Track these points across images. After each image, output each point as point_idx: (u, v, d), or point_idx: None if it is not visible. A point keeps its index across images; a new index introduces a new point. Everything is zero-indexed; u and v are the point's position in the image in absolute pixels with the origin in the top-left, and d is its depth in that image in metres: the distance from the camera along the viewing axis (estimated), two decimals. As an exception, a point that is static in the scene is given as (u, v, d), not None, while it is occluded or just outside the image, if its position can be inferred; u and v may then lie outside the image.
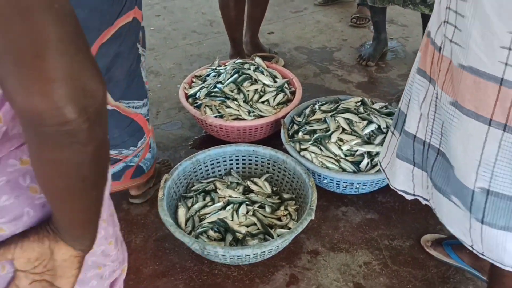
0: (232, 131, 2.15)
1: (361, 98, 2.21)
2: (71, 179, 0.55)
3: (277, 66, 2.51)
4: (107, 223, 0.76)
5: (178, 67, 2.93)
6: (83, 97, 0.48)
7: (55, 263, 0.63)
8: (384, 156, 1.39)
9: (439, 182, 1.17)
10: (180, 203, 1.85)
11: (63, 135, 0.49)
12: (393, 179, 1.35)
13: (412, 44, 3.09)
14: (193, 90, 2.33)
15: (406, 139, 1.25)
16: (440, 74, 1.08)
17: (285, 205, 1.87)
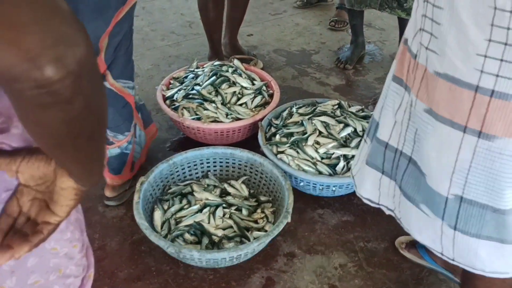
0: (210, 133, 2.15)
1: (338, 101, 2.23)
2: (62, 138, 0.51)
3: (255, 69, 2.51)
4: (73, 227, 0.75)
5: (156, 68, 2.92)
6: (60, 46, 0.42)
7: (55, 188, 0.61)
8: (356, 163, 1.40)
9: (409, 191, 1.17)
10: (156, 206, 1.84)
11: (42, 94, 0.43)
12: (360, 186, 1.36)
13: (389, 48, 3.13)
14: (171, 92, 2.32)
15: (378, 147, 1.26)
16: (415, 81, 1.09)
17: (262, 208, 1.88)
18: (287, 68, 2.94)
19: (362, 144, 1.37)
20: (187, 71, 2.47)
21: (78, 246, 0.76)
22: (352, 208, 2.01)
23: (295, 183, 1.98)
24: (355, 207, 2.02)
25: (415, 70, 1.08)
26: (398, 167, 1.22)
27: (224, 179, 2.03)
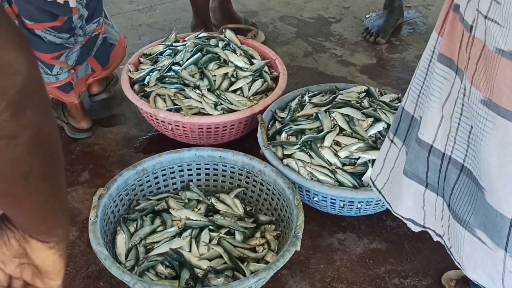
0: (192, 129, 2.15)
1: (366, 87, 2.22)
2: (9, 180, 0.56)
3: (255, 43, 2.50)
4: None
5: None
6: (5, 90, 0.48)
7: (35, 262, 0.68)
8: (379, 172, 1.39)
9: (460, 211, 1.17)
10: (120, 228, 1.83)
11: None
12: (397, 203, 1.35)
13: (435, 15, 3.08)
14: (141, 73, 2.32)
15: (419, 151, 1.25)
16: (470, 62, 1.08)
17: (261, 231, 1.87)
18: (298, 42, 2.92)
19: (387, 145, 1.36)
20: (162, 45, 2.46)
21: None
22: (384, 232, 2.01)
23: (307, 197, 1.97)
24: (388, 231, 2.01)
25: (470, 47, 1.07)
26: (447, 178, 1.21)
27: (211, 191, 2.02)
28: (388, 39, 2.93)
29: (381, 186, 1.40)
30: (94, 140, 2.36)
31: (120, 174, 1.88)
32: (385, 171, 1.38)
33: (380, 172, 1.39)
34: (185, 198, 1.95)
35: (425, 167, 1.25)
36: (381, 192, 1.40)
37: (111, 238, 1.81)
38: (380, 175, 1.40)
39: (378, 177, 1.40)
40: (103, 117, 2.48)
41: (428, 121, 1.20)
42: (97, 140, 2.37)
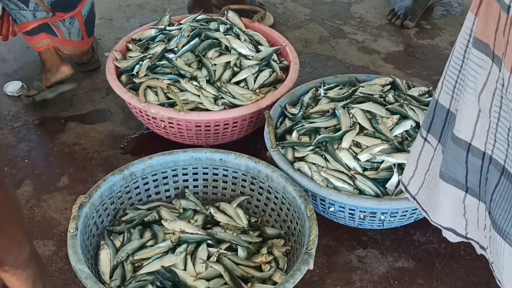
0: (189, 128, 2.16)
1: (392, 79, 2.22)
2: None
3: (262, 26, 2.51)
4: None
5: (108, 25, 2.94)
6: None
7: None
8: (412, 175, 1.39)
9: (500, 220, 1.16)
10: (104, 242, 1.84)
11: None
12: (435, 210, 1.35)
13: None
14: (129, 62, 2.32)
15: (456, 150, 1.24)
16: (508, 48, 1.08)
17: (268, 246, 1.87)
18: (312, 25, 2.93)
19: (419, 144, 1.37)
20: (154, 29, 2.47)
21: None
22: (412, 248, 2.01)
23: (322, 208, 1.97)
24: (416, 247, 2.01)
25: (508, 30, 1.06)
26: (488, 182, 1.21)
27: (210, 200, 2.03)
28: (417, 22, 2.93)
29: (415, 192, 1.40)
30: (74, 140, 2.37)
31: (104, 180, 1.89)
32: (419, 174, 1.37)
33: (413, 175, 1.39)
34: (180, 208, 1.95)
35: (464, 169, 1.24)
36: (416, 198, 1.40)
37: (93, 254, 1.81)
38: (413, 178, 1.39)
39: (411, 181, 1.40)
40: (85, 112, 2.49)
41: (464, 116, 1.20)
42: (78, 139, 2.37)
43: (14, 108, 2.50)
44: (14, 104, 2.52)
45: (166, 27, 2.46)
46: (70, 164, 2.28)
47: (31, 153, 2.32)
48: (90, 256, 1.78)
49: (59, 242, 1.99)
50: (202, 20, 2.46)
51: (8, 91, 2.56)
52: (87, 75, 2.67)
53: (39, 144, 2.36)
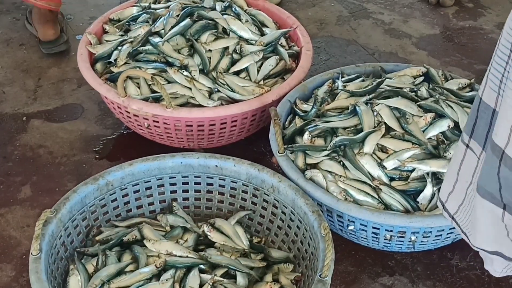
0: (178, 127, 2.15)
1: (425, 69, 2.21)
2: None
3: (267, 4, 2.51)
4: None
5: (80, 2, 2.96)
6: None
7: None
8: (452, 190, 1.36)
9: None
10: (74, 266, 1.82)
11: None
12: (474, 232, 1.33)
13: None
14: (105, 47, 2.32)
15: (491, 159, 1.23)
16: None
17: (274, 272, 1.85)
18: (329, 3, 2.96)
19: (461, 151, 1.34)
20: (136, 7, 2.48)
21: None
22: (449, 275, 1.99)
23: (340, 226, 1.95)
24: (454, 274, 2.00)
25: None
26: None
27: (203, 215, 2.03)
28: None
29: (454, 210, 1.39)
30: (38, 141, 2.37)
31: (75, 191, 1.87)
32: (459, 188, 1.36)
33: (453, 190, 1.38)
34: (166, 225, 1.95)
35: (497, 182, 1.23)
36: (455, 217, 1.40)
37: (60, 281, 1.80)
38: (452, 194, 1.38)
39: (450, 197, 1.39)
40: (51, 108, 2.50)
41: (503, 116, 1.18)
42: (43, 141, 2.38)
43: (-36, 102, 2.53)
44: (-36, 98, 2.54)
45: (150, 5, 2.47)
46: (34, 171, 2.28)
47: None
48: (57, 283, 1.76)
49: (20, 266, 1.99)
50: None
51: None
52: (54, 61, 2.68)
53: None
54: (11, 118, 2.46)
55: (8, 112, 2.48)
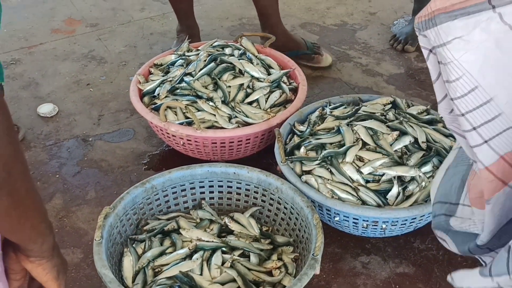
0: (205, 144, 2.17)
1: (392, 99, 2.23)
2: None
3: (273, 51, 2.52)
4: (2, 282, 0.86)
5: (132, 51, 2.96)
6: None
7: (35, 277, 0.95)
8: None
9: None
10: (127, 249, 1.85)
11: None
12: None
13: (469, 21, 3.12)
14: (151, 85, 2.34)
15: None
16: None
17: (278, 253, 1.87)
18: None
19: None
20: (174, 55, 2.49)
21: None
22: (412, 254, 2.00)
23: (328, 217, 1.97)
24: (416, 254, 2.01)
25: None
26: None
27: (224, 210, 2.04)
28: (417, 46, 2.93)
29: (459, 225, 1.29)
30: (101, 156, 2.39)
31: (128, 192, 1.90)
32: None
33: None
34: (197, 218, 1.96)
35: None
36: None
37: (117, 261, 1.83)
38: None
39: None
40: (111, 131, 2.52)
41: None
42: (105, 156, 2.39)
43: (46, 128, 2.53)
44: (46, 124, 2.54)
45: (185, 53, 2.48)
46: (98, 178, 2.30)
47: (61, 169, 2.34)
48: (114, 262, 1.79)
49: (87, 250, 2.00)
50: (218, 46, 2.48)
51: (41, 112, 2.58)
52: (113, 97, 2.69)
53: (69, 160, 2.38)
54: (81, 139, 2.47)
55: (79, 134, 2.49)
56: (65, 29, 3.14)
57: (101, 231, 1.74)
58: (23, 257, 0.89)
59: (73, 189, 2.25)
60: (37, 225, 0.86)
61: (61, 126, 2.54)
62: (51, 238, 0.91)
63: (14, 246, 0.89)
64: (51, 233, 0.91)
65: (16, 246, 0.89)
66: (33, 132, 2.49)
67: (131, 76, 2.48)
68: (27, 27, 3.16)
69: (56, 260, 0.93)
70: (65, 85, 2.76)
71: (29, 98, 2.67)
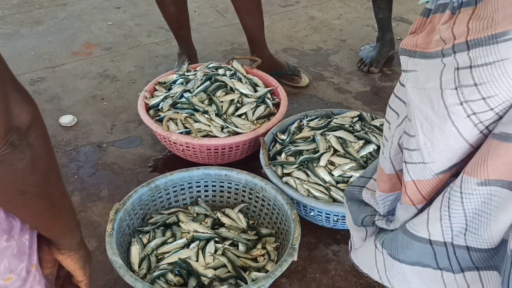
0: (201, 150, 2.16)
1: (359, 112, 2.24)
2: (10, 194, 0.72)
3: (259, 72, 2.53)
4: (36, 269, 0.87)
5: (140, 71, 2.96)
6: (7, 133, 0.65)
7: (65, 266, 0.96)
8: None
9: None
10: (134, 239, 1.84)
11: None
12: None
13: (424, 47, 3.14)
14: (155, 100, 2.34)
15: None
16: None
17: (263, 243, 1.88)
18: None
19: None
20: (176, 74, 2.50)
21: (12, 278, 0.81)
22: (375, 244, 2.00)
23: (305, 212, 1.97)
24: (379, 243, 2.00)
25: None
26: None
27: (217, 206, 2.04)
28: (380, 69, 2.95)
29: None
30: (113, 160, 2.38)
31: (135, 191, 1.90)
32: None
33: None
34: (194, 213, 1.96)
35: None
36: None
37: (126, 249, 1.82)
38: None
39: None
40: (122, 139, 2.51)
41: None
42: (116, 160, 2.38)
43: (66, 135, 2.52)
44: (66, 133, 2.53)
45: (184, 73, 2.49)
46: (110, 178, 2.29)
47: (79, 171, 2.33)
48: (123, 250, 1.79)
49: (100, 240, 1.99)
50: (213, 67, 2.48)
51: (63, 122, 2.57)
52: (123, 110, 2.68)
53: (86, 163, 2.37)
54: (96, 145, 2.46)
55: (95, 141, 2.48)
56: (84, 52, 3.13)
57: (112, 224, 1.74)
58: (55, 250, 0.91)
59: (89, 188, 2.24)
60: (68, 223, 0.89)
61: (79, 134, 2.52)
62: (78, 234, 0.94)
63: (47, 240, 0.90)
64: (79, 229, 0.93)
65: (49, 241, 0.90)
66: (55, 139, 2.47)
67: (139, 92, 2.47)
68: (51, 50, 3.15)
69: (82, 252, 0.95)
70: (83, 99, 2.75)
71: (52, 110, 2.66)
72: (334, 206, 1.88)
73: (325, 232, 2.03)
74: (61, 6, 3.59)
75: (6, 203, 0.75)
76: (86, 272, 0.99)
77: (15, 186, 0.71)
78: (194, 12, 3.45)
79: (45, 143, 0.75)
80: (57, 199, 0.82)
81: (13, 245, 0.79)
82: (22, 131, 0.68)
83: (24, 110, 0.68)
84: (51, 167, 0.78)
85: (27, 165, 0.70)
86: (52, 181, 0.79)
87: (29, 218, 0.81)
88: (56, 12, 3.53)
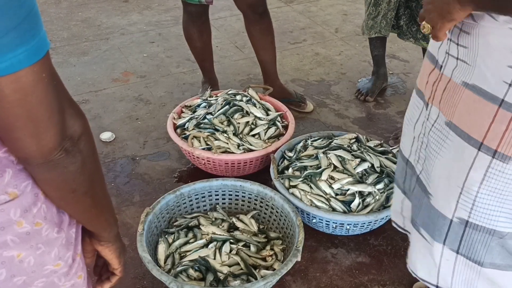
0: (220, 164, 2.17)
1: (356, 135, 2.24)
2: (62, 192, 0.75)
3: (270, 99, 2.55)
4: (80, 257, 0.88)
5: (169, 96, 2.98)
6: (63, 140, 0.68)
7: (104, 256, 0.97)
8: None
9: (413, 214, 1.15)
10: (161, 239, 1.85)
11: (47, 163, 0.69)
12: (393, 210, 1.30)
13: (413, 80, 3.14)
14: (182, 120, 2.36)
15: (401, 163, 1.23)
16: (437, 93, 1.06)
17: (271, 245, 1.88)
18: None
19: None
20: (200, 99, 2.51)
21: (61, 264, 0.83)
22: (368, 248, 1.99)
23: (308, 219, 1.97)
24: (371, 248, 2.00)
25: (438, 82, 1.06)
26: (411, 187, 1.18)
27: (232, 212, 2.04)
28: (375, 98, 2.95)
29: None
30: (145, 171, 2.39)
31: (163, 197, 1.91)
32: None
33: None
34: (212, 217, 1.97)
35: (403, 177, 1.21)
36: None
37: (153, 247, 1.83)
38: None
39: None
40: (152, 153, 2.52)
41: (406, 140, 1.20)
42: (148, 171, 2.40)
43: (106, 149, 2.54)
44: (106, 147, 2.55)
45: (208, 98, 2.50)
46: (142, 187, 2.30)
47: (116, 180, 2.34)
48: (151, 248, 1.80)
49: (132, 238, 2.00)
50: (232, 94, 2.50)
51: (103, 138, 2.60)
52: (154, 128, 2.69)
53: (121, 173, 2.38)
54: (130, 158, 2.48)
55: (129, 155, 2.50)
56: (122, 79, 3.17)
57: (143, 225, 1.75)
58: (96, 241, 0.93)
59: (124, 194, 2.25)
60: (108, 219, 0.90)
61: (116, 148, 2.54)
62: (116, 228, 0.94)
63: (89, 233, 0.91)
64: (116, 224, 0.94)
65: (90, 233, 0.91)
66: (96, 152, 2.49)
67: (168, 114, 2.49)
68: (94, 76, 3.19)
69: (118, 244, 0.97)
70: (121, 119, 2.77)
71: (94, 127, 2.68)
72: (333, 214, 1.88)
73: (325, 237, 2.03)
74: (104, 40, 3.65)
75: (59, 200, 0.78)
76: (121, 261, 1.00)
77: (67, 185, 0.74)
78: (217, 47, 3.49)
79: (92, 150, 0.77)
80: (100, 198, 0.84)
81: (63, 236, 0.81)
82: (74, 139, 0.70)
83: (77, 123, 0.71)
84: (96, 170, 0.81)
85: (77, 168, 0.72)
86: (97, 182, 0.81)
87: (77, 213, 0.83)
88: (100, 45, 3.59)
